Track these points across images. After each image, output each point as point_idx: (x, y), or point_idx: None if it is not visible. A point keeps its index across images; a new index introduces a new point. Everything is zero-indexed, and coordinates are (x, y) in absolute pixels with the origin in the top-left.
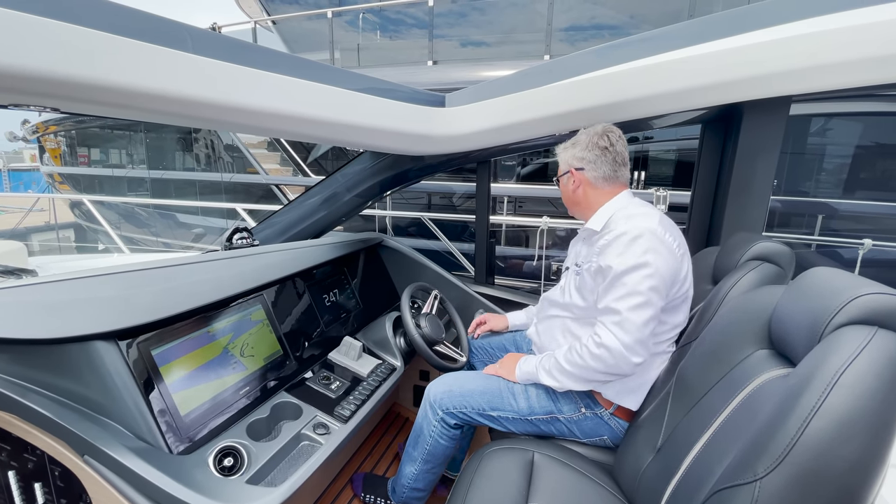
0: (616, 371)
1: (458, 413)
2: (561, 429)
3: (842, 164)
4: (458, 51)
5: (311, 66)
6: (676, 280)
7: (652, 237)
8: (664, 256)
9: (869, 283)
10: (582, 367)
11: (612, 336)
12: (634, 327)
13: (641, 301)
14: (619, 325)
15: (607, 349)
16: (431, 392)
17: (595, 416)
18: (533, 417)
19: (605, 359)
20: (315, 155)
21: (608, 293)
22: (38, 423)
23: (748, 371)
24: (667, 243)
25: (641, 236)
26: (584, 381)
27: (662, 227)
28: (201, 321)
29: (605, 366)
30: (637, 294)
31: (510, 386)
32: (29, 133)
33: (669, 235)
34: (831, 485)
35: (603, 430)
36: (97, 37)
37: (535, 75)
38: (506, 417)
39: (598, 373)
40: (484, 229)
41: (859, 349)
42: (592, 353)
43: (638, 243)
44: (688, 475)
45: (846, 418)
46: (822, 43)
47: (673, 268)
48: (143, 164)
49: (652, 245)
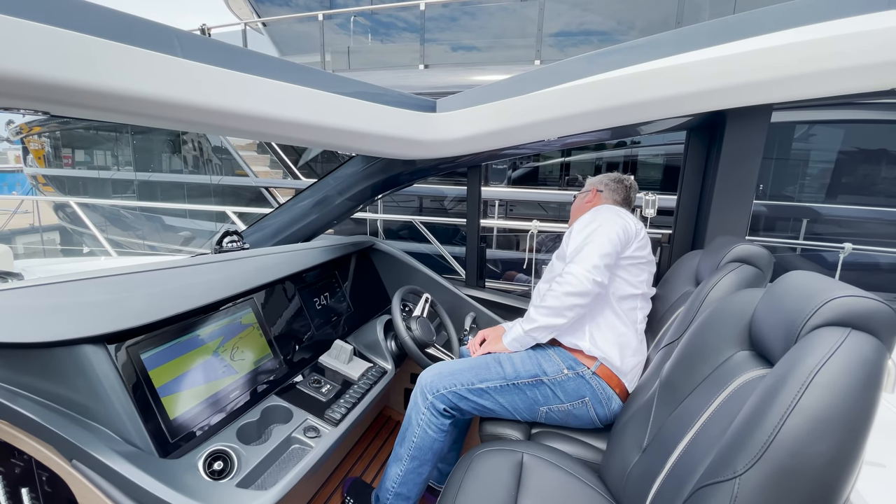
0: (581, 289)
1: (447, 394)
2: (545, 392)
3: (825, 170)
4: (449, 55)
5: (302, 70)
6: (631, 240)
7: (609, 210)
8: (617, 220)
9: (843, 286)
10: (554, 296)
11: (575, 265)
12: (592, 256)
13: (598, 243)
14: (581, 259)
15: (572, 273)
16: (422, 378)
17: (578, 376)
18: (519, 381)
19: (570, 281)
20: (306, 158)
21: (571, 244)
22: (26, 427)
23: (729, 372)
24: (623, 215)
25: (600, 209)
26: (559, 312)
27: (622, 211)
28: (191, 325)
29: (571, 287)
30: (594, 239)
31: (497, 356)
32: (13, 134)
33: (627, 215)
34: (807, 480)
35: (584, 390)
36: (84, 40)
37: (525, 81)
38: (494, 387)
39: (568, 295)
40: (475, 233)
41: (833, 350)
42: (560, 282)
43: (596, 212)
44: (672, 474)
45: (821, 416)
46: (803, 53)
47: (627, 229)
48: (128, 166)
49: (608, 213)
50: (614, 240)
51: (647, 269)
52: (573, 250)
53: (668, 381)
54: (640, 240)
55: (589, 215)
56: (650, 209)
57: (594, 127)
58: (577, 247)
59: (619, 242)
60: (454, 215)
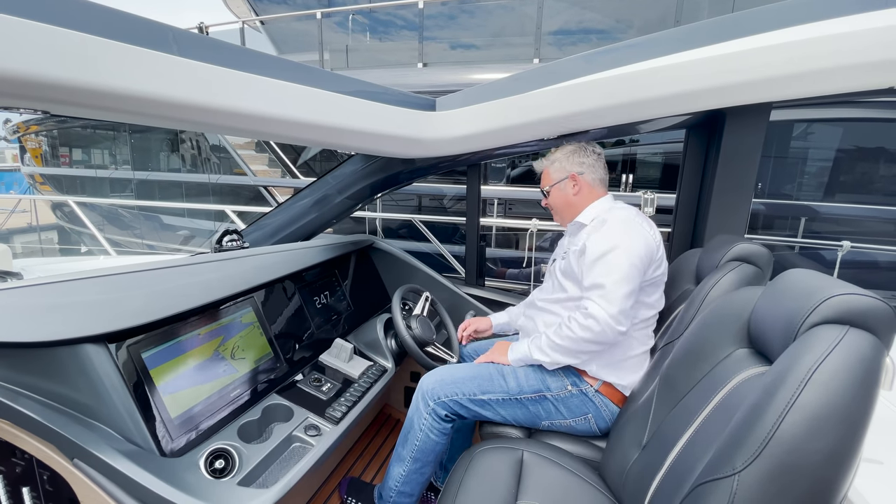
0: (603, 339)
1: (448, 402)
2: (548, 408)
3: (823, 168)
4: (448, 53)
5: (301, 68)
6: (653, 261)
7: (629, 222)
8: (639, 239)
9: (841, 284)
10: (572, 339)
11: (598, 307)
12: (618, 298)
13: (622, 275)
14: (604, 297)
15: (595, 319)
16: (424, 384)
17: (581, 393)
18: (522, 396)
19: (592, 328)
20: (305, 157)
21: (592, 271)
22: (27, 426)
23: (729, 369)
24: (643, 228)
25: (620, 222)
26: (574, 354)
27: (639, 217)
28: (191, 324)
29: (592, 335)
30: (618, 269)
31: (500, 368)
32: (10, 132)
33: (646, 223)
34: (806, 477)
35: (588, 408)
36: (81, 39)
37: (525, 80)
38: (496, 400)
39: (587, 342)
40: (474, 231)
41: (832, 347)
42: (581, 324)
43: (617, 227)
44: (671, 471)
45: (819, 413)
46: (801, 51)
47: (649, 249)
48: (126, 165)
49: (628, 229)
50: (638, 265)
51: (662, 281)
52: (593, 282)
53: (668, 378)
54: (659, 254)
55: (605, 235)
56: (648, 208)
57: (593, 125)
58: (596, 280)
59: (642, 267)
60: (453, 214)
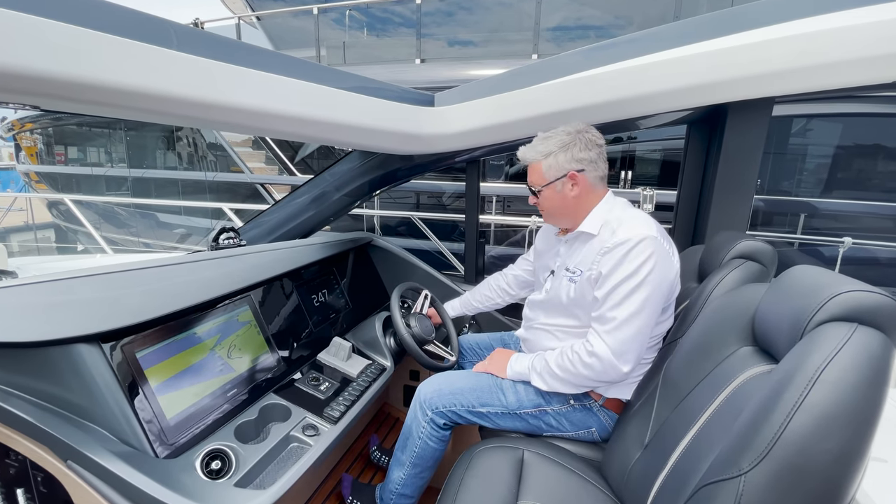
0: (605, 378)
1: (447, 412)
2: (549, 422)
3: (822, 164)
4: (446, 50)
5: (298, 63)
6: (672, 285)
7: (652, 244)
8: (662, 266)
9: (849, 280)
10: (572, 374)
11: (603, 345)
12: (626, 338)
13: (635, 311)
14: (611, 334)
15: (598, 358)
16: (422, 392)
17: (584, 408)
18: (521, 411)
19: (594, 367)
20: (302, 154)
21: (605, 302)
22: (20, 428)
23: (733, 368)
24: (665, 251)
25: (641, 243)
26: (574, 386)
27: (660, 234)
28: (187, 323)
29: (594, 373)
30: (631, 304)
31: (499, 382)
32: (4, 130)
33: (666, 242)
34: (814, 478)
35: (591, 422)
36: (78, 33)
37: (523, 75)
38: (495, 413)
39: (588, 380)
40: (473, 228)
41: (840, 345)
42: (583, 362)
43: (638, 252)
44: (675, 471)
45: (828, 413)
46: (804, 45)
47: (671, 276)
48: (122, 163)
49: (651, 254)
50: (655, 300)
51: (674, 300)
52: (602, 313)
53: (671, 377)
54: (676, 282)
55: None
56: (648, 205)
57: (593, 121)
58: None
59: (660, 302)
60: (452, 211)
